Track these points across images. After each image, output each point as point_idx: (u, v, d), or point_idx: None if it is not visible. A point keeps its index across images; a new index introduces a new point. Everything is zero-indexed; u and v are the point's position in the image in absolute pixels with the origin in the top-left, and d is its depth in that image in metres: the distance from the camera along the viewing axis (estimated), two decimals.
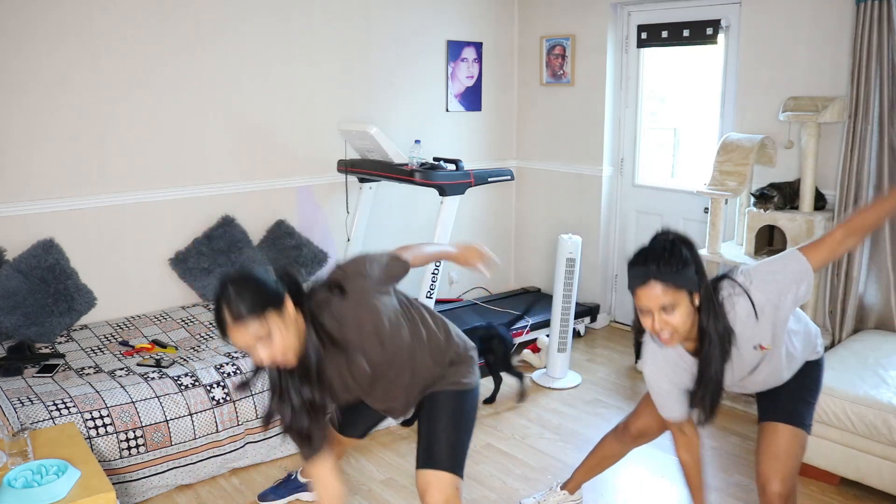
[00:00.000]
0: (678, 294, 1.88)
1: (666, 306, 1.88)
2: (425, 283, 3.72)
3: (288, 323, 1.82)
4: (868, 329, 3.53)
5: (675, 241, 1.92)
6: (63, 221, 3.52)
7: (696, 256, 1.93)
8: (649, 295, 1.88)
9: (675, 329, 1.91)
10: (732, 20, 4.04)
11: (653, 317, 1.91)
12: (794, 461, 2.14)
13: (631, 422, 2.56)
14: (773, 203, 3.59)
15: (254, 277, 1.82)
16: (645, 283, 1.88)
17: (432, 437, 2.13)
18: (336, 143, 4.24)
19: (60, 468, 1.99)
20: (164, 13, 3.65)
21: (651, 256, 1.89)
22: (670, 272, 1.87)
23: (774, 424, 2.16)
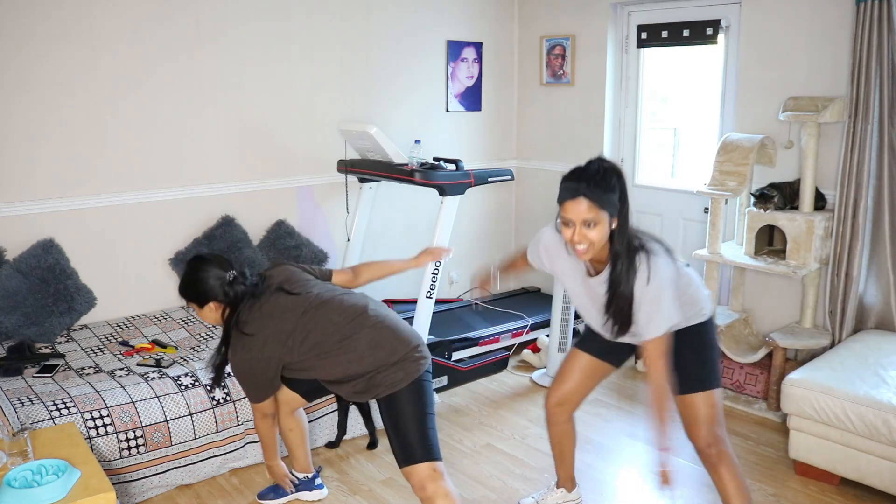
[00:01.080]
0: (601, 213, 2.09)
1: (588, 221, 2.09)
2: (425, 283, 3.71)
3: (205, 313, 2.47)
4: (868, 329, 3.53)
5: (607, 169, 2.12)
6: (63, 221, 3.52)
7: (622, 186, 2.13)
8: (576, 209, 2.10)
9: (591, 243, 2.12)
10: (732, 20, 4.04)
11: (574, 229, 2.11)
12: (715, 414, 2.37)
13: (549, 395, 2.69)
14: (773, 203, 3.59)
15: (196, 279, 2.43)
16: (574, 197, 2.09)
17: (402, 437, 2.34)
18: (336, 143, 4.24)
19: (60, 468, 1.99)
20: (164, 13, 3.65)
21: (584, 175, 2.10)
22: (598, 192, 2.07)
23: (689, 396, 2.36)
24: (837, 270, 3.54)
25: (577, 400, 2.66)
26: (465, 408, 3.77)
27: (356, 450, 3.33)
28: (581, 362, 2.62)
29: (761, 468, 3.17)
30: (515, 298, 4.92)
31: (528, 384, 4.08)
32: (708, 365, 2.39)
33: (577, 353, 2.63)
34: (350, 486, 3.05)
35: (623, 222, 2.14)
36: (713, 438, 2.37)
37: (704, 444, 2.37)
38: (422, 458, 2.31)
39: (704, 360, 2.39)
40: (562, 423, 2.70)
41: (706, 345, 2.41)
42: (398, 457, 2.35)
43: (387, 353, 2.37)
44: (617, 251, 2.16)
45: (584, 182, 2.08)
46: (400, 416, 2.34)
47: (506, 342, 4.32)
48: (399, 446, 2.34)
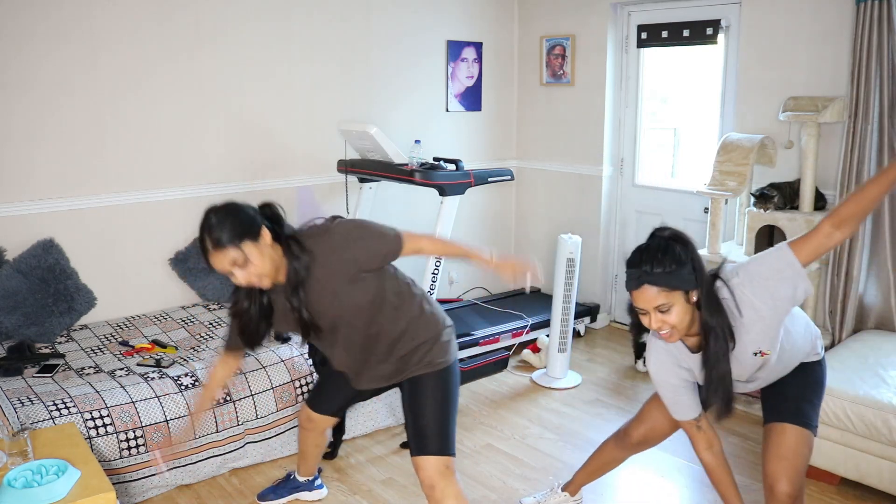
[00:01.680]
0: (672, 294, 1.90)
1: (661, 307, 1.91)
2: (425, 283, 3.71)
3: (263, 251, 2.02)
4: (868, 329, 3.53)
5: (669, 240, 1.92)
6: (63, 221, 3.52)
7: (692, 254, 1.92)
8: (644, 297, 1.92)
9: (673, 327, 1.93)
10: (732, 20, 4.04)
11: (650, 316, 1.94)
12: (801, 461, 2.12)
13: (633, 428, 2.55)
14: (773, 203, 3.59)
15: (234, 209, 2.03)
16: (639, 286, 1.91)
17: (420, 424, 2.25)
18: (336, 143, 4.24)
19: (60, 468, 1.99)
20: (164, 13, 3.65)
21: (645, 258, 1.91)
22: (663, 274, 1.88)
23: (782, 425, 2.15)
24: (837, 270, 3.55)
25: (658, 443, 2.53)
26: (465, 408, 3.77)
27: (356, 450, 3.33)
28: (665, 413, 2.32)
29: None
30: (515, 298, 4.92)
31: (528, 384, 4.08)
32: (812, 405, 2.19)
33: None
34: (350, 486, 3.05)
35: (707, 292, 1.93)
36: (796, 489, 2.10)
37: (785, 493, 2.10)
38: (437, 451, 2.22)
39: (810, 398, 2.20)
40: (627, 454, 2.59)
41: (816, 385, 2.23)
42: (412, 444, 2.26)
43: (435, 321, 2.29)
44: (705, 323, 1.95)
45: (646, 265, 1.89)
46: (423, 399, 2.25)
47: (506, 342, 4.32)
48: (415, 433, 2.25)
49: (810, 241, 1.93)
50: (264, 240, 2.04)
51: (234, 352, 2.37)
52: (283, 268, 2.10)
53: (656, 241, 1.94)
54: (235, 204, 2.07)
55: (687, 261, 1.90)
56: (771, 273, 1.95)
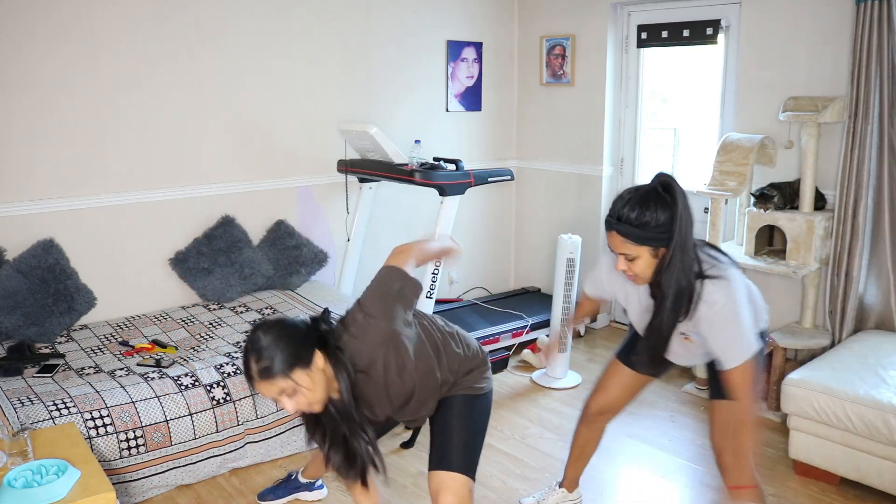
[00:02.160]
0: (638, 248, 1.97)
1: (626, 255, 2.00)
2: (425, 283, 3.71)
3: (315, 378, 1.82)
4: (868, 329, 3.53)
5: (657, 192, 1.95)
6: (63, 221, 3.52)
7: (673, 212, 1.93)
8: (612, 242, 2.03)
9: (636, 274, 2.04)
10: (732, 20, 4.04)
11: (619, 258, 2.04)
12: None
13: (590, 401, 2.64)
14: (773, 203, 3.59)
15: (286, 331, 1.81)
16: (608, 230, 2.03)
17: (446, 440, 2.14)
18: (336, 143, 4.24)
19: (60, 468, 1.99)
20: (164, 13, 3.65)
21: (619, 204, 1.98)
22: (631, 227, 1.95)
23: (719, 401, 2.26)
24: (837, 270, 3.54)
25: (618, 410, 2.61)
26: None
27: None
28: (623, 377, 2.54)
29: (761, 468, 3.16)
30: (515, 298, 4.92)
31: (528, 384, 4.08)
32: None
33: (619, 367, 2.55)
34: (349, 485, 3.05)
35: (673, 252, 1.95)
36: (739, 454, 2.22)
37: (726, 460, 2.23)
38: (458, 468, 2.09)
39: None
40: (597, 430, 2.66)
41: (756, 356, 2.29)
42: (433, 458, 2.15)
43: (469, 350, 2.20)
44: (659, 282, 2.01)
45: (616, 214, 1.96)
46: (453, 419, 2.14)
47: (506, 342, 4.32)
48: (438, 447, 2.14)
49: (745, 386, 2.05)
50: (317, 364, 1.83)
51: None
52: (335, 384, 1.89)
53: (645, 191, 1.97)
54: (287, 324, 1.85)
55: (663, 219, 1.93)
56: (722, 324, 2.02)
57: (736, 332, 2.03)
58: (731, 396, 2.08)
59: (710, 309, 2.01)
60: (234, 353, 3.23)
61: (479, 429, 2.21)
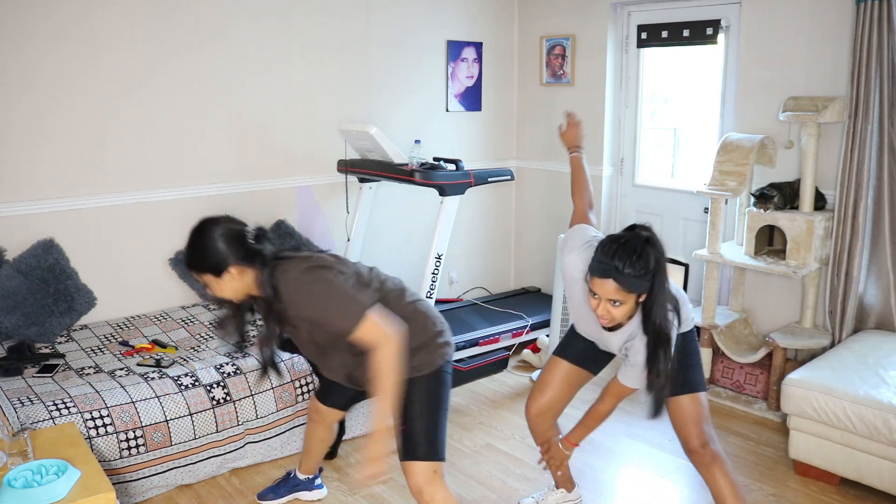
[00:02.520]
0: (628, 296, 2.07)
1: (614, 300, 2.08)
2: (425, 284, 3.72)
3: (223, 284, 2.13)
4: (868, 329, 3.53)
5: (646, 249, 2.05)
6: (63, 221, 3.52)
7: (660, 266, 2.07)
8: (603, 288, 2.07)
9: (613, 318, 2.12)
10: (732, 20, 4.04)
11: (599, 302, 2.10)
12: (699, 417, 2.41)
13: (529, 404, 2.69)
14: (773, 203, 3.59)
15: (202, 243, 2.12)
16: (603, 277, 2.06)
17: (407, 430, 2.24)
18: (336, 143, 4.24)
19: (60, 468, 1.99)
20: (163, 13, 3.65)
21: (620, 255, 2.03)
22: (630, 277, 2.03)
23: (676, 399, 2.40)
24: (837, 270, 3.54)
25: (559, 409, 2.66)
26: (465, 408, 3.77)
27: (356, 450, 3.33)
28: (561, 371, 2.63)
29: (761, 468, 3.17)
30: (515, 298, 4.93)
31: (528, 384, 4.08)
32: (693, 369, 2.44)
33: (556, 361, 2.64)
34: (350, 485, 3.05)
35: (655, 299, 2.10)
36: (704, 438, 2.40)
37: (697, 444, 2.40)
38: (424, 456, 2.22)
39: (689, 364, 2.43)
40: (545, 432, 2.70)
41: (691, 350, 2.45)
42: (400, 449, 2.25)
43: (418, 329, 2.22)
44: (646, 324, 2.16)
45: (617, 262, 2.02)
46: (410, 404, 2.21)
47: (506, 342, 4.32)
48: (403, 438, 2.23)
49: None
50: (229, 275, 2.12)
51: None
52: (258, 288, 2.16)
53: (634, 241, 2.06)
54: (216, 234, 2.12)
55: (651, 272, 2.05)
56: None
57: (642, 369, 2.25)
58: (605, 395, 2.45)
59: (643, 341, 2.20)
60: (235, 353, 3.23)
61: (441, 406, 2.28)
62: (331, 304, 2.08)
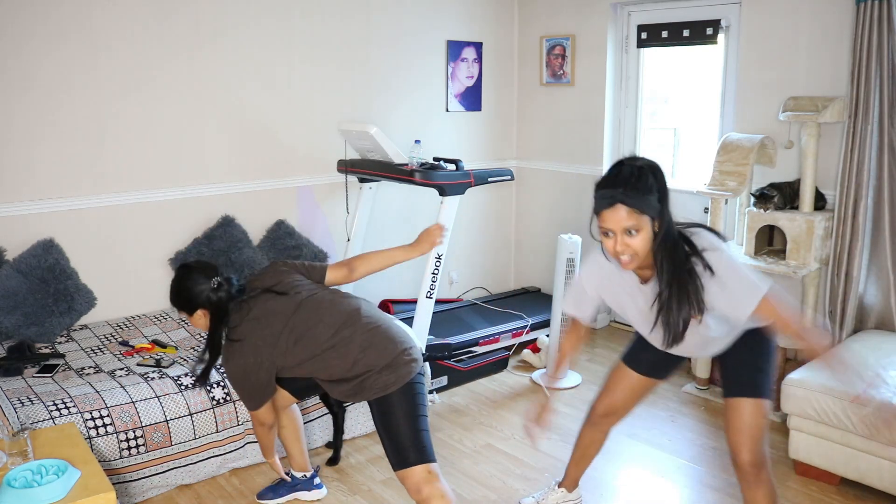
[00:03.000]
0: (641, 218, 1.95)
1: (629, 229, 1.95)
2: (425, 283, 3.71)
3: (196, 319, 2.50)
4: (868, 329, 3.53)
5: (642, 168, 1.97)
6: (63, 221, 3.52)
7: (661, 184, 1.98)
8: (615, 217, 1.95)
9: (635, 252, 1.98)
10: (732, 20, 4.04)
11: (615, 239, 1.98)
12: (759, 430, 2.21)
13: (597, 403, 2.63)
14: (773, 203, 3.59)
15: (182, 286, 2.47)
16: (611, 205, 1.95)
17: (395, 440, 2.33)
18: (336, 143, 4.24)
19: (60, 468, 1.99)
20: (164, 13, 3.65)
21: (619, 180, 1.95)
22: (636, 196, 1.93)
23: (737, 400, 2.23)
24: (837, 270, 3.54)
25: (624, 414, 2.60)
26: (465, 408, 3.78)
27: (356, 450, 3.33)
28: (629, 381, 2.53)
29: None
30: (515, 298, 4.93)
31: (528, 384, 4.08)
32: (764, 373, 2.24)
33: (624, 371, 2.55)
34: (350, 486, 3.05)
35: (666, 222, 1.99)
36: (757, 457, 2.20)
37: (748, 461, 2.20)
38: (416, 461, 2.30)
39: (762, 367, 2.24)
40: (601, 432, 2.66)
41: (766, 352, 2.26)
42: (392, 460, 2.34)
43: (378, 355, 2.34)
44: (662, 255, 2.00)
45: (619, 187, 1.93)
46: (392, 418, 2.32)
47: (506, 342, 4.32)
48: (392, 449, 2.33)
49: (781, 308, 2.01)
50: (198, 315, 2.48)
51: None
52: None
53: (629, 168, 1.97)
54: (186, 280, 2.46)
55: (656, 190, 1.96)
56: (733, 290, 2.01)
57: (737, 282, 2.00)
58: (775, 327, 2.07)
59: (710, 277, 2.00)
60: None
61: (420, 415, 2.35)
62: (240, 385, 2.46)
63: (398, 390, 2.33)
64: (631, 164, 1.98)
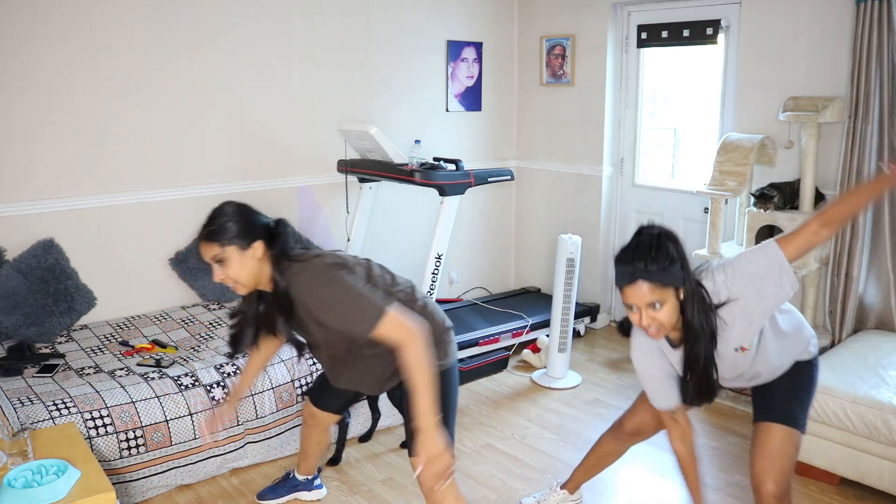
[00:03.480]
0: (665, 291, 1.92)
1: (653, 303, 1.92)
2: (425, 284, 3.72)
3: (245, 261, 2.08)
4: (868, 329, 3.53)
5: (661, 237, 1.94)
6: (63, 221, 3.52)
7: (681, 252, 1.95)
8: (637, 293, 1.92)
9: (661, 324, 1.95)
10: (732, 20, 4.04)
11: (640, 313, 1.94)
12: (787, 461, 2.13)
13: (626, 419, 2.58)
14: (773, 203, 3.59)
15: (240, 213, 2.11)
16: (632, 282, 1.92)
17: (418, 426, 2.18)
18: (336, 143, 4.24)
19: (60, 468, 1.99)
20: (164, 13, 3.65)
21: (638, 254, 1.91)
22: (657, 271, 1.90)
23: (768, 424, 2.16)
24: (837, 270, 3.55)
25: (652, 434, 2.56)
26: (465, 408, 3.77)
27: (356, 450, 3.33)
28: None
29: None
30: (515, 298, 4.92)
31: (528, 384, 4.08)
32: (802, 404, 2.19)
33: None
34: (350, 486, 3.05)
35: (691, 289, 1.95)
36: (781, 488, 2.11)
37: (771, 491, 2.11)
38: None
39: (799, 398, 2.19)
40: (623, 447, 2.63)
41: (806, 384, 2.22)
42: (410, 444, 2.20)
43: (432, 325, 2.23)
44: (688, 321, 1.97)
45: (640, 262, 1.90)
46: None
47: (506, 342, 4.32)
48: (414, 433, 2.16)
49: (798, 238, 1.97)
50: (253, 252, 2.09)
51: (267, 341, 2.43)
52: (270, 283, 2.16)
53: (647, 239, 1.94)
54: (246, 209, 2.14)
55: (678, 259, 1.93)
56: (759, 270, 1.98)
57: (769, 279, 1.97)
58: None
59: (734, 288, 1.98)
60: None
61: (449, 406, 2.25)
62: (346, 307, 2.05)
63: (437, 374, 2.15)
64: (650, 234, 1.95)
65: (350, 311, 2.04)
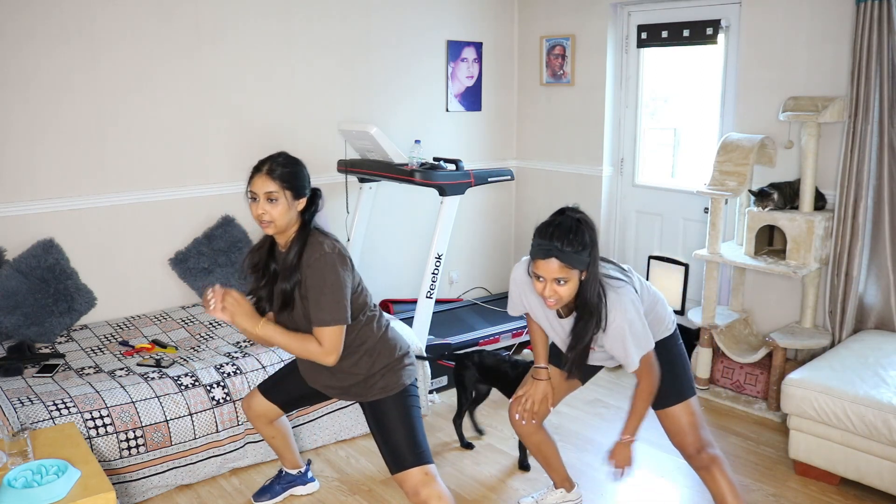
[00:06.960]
0: (572, 271, 2.13)
1: (559, 279, 2.14)
2: (425, 283, 3.72)
3: (290, 209, 2.27)
4: (868, 329, 3.53)
5: (580, 223, 2.15)
6: (63, 221, 3.52)
7: (594, 240, 2.16)
8: (548, 268, 2.14)
9: (560, 298, 2.17)
10: (732, 20, 4.04)
11: (545, 284, 2.16)
12: (695, 423, 2.43)
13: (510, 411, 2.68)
14: (772, 200, 3.59)
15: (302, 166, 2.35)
16: (546, 258, 2.13)
17: (391, 444, 2.34)
18: (336, 143, 4.24)
19: (60, 468, 1.99)
20: (164, 13, 3.65)
21: (557, 234, 2.12)
22: (571, 253, 2.11)
23: (666, 410, 2.44)
24: (837, 270, 3.54)
25: (543, 412, 2.65)
26: None
27: (356, 450, 3.33)
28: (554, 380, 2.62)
29: (761, 468, 3.17)
30: None
31: None
32: (680, 377, 2.45)
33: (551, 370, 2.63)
34: (350, 485, 3.06)
35: (592, 274, 2.17)
36: (701, 443, 2.43)
37: (694, 450, 2.43)
38: (413, 464, 2.31)
39: (676, 373, 2.43)
40: (532, 434, 2.70)
41: (675, 358, 2.46)
42: (389, 463, 2.35)
43: (391, 351, 2.39)
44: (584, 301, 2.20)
45: (556, 242, 2.11)
46: (388, 421, 2.35)
47: (506, 342, 4.31)
48: (388, 453, 2.35)
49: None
50: (298, 205, 2.29)
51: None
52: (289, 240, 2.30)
53: (568, 221, 2.15)
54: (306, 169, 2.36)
55: (589, 246, 2.14)
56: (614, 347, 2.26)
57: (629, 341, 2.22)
58: (639, 382, 2.34)
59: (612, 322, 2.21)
60: (234, 354, 3.23)
61: (415, 418, 2.38)
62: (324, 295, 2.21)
63: (395, 394, 2.36)
64: (571, 217, 2.16)
65: (322, 300, 2.20)
